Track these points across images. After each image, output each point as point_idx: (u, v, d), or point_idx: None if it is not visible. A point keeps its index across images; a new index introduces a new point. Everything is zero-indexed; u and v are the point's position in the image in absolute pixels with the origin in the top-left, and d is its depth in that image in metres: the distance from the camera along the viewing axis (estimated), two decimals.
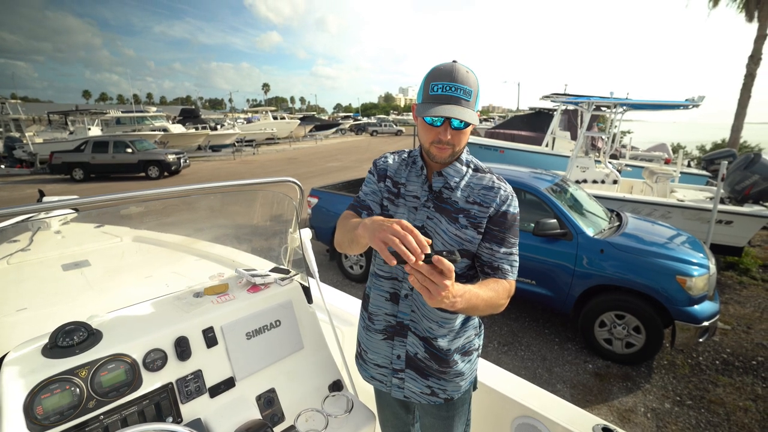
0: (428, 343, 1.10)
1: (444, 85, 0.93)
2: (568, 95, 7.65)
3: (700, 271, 3.19)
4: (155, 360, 1.02)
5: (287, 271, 1.38)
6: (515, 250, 1.08)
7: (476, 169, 1.11)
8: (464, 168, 1.09)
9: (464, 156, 1.10)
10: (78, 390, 0.90)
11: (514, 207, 1.07)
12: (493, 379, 1.47)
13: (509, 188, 1.10)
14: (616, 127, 6.86)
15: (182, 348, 1.05)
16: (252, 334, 1.18)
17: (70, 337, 0.95)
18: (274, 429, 0.96)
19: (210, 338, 1.10)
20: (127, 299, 1.24)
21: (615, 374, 3.32)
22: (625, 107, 6.25)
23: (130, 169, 13.71)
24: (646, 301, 3.26)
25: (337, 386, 1.23)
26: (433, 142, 1.01)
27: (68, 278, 1.82)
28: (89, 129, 17.62)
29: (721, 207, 4.96)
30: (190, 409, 1.02)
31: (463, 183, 1.08)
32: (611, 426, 1.29)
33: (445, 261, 0.74)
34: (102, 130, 19.73)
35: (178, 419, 0.99)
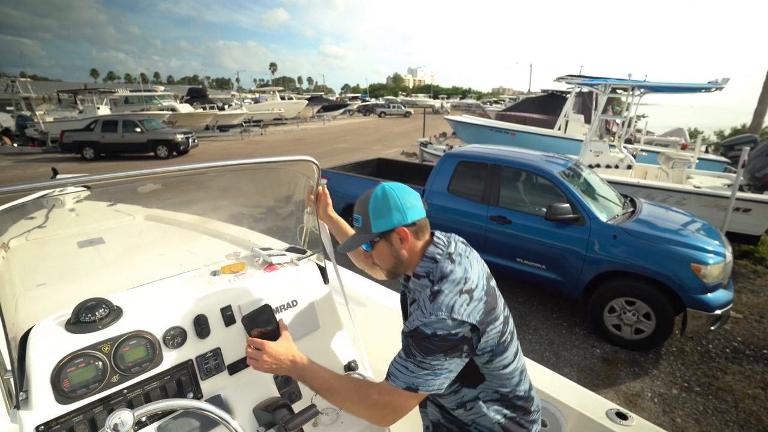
0: (444, 410, 1.13)
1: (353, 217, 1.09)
2: (584, 77, 7.45)
3: (716, 259, 3.14)
4: (175, 337, 1.03)
5: (303, 251, 1.38)
6: (413, 363, 0.92)
7: (432, 280, 0.99)
8: (420, 282, 1.02)
9: (420, 269, 1.02)
10: (101, 364, 0.92)
11: (431, 327, 0.91)
12: None
13: (438, 312, 0.92)
14: (632, 110, 6.67)
15: (201, 326, 1.06)
16: None
17: (92, 313, 0.96)
18: (292, 406, 0.97)
19: (228, 317, 1.11)
20: (142, 277, 1.25)
21: (623, 359, 3.32)
22: (643, 90, 6.07)
23: (139, 149, 13.78)
24: (658, 288, 3.23)
25: (352, 366, 1.25)
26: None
27: (84, 255, 1.84)
28: (98, 108, 17.65)
29: (739, 194, 4.85)
30: (209, 386, 1.04)
31: (417, 298, 1.04)
32: (625, 410, 1.28)
33: (255, 340, 1.00)
34: (111, 109, 19.76)
35: (198, 395, 1.01)
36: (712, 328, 3.13)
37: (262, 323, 1.09)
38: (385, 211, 1.00)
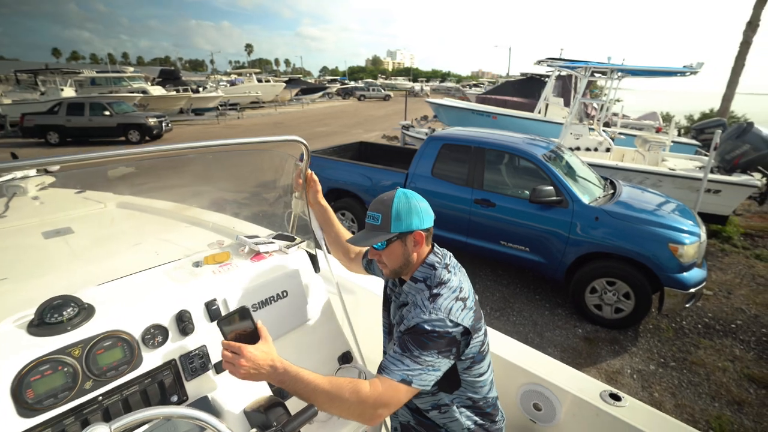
0: (416, 412, 1.17)
1: (367, 215, 1.12)
2: (564, 60, 7.47)
3: (692, 239, 3.23)
4: (155, 336, 0.95)
5: (292, 238, 1.31)
6: (409, 358, 0.96)
7: (429, 286, 1.07)
8: (416, 286, 1.09)
9: (419, 273, 1.10)
10: (71, 370, 0.83)
11: (431, 324, 0.98)
12: (498, 346, 1.46)
13: (438, 311, 1.00)
14: (611, 94, 6.76)
15: (184, 322, 0.98)
16: (258, 306, 1.12)
17: (59, 313, 0.87)
18: (286, 404, 0.91)
19: (213, 311, 1.04)
20: (116, 269, 1.16)
21: (603, 338, 3.42)
22: (621, 73, 6.14)
23: (108, 133, 13.10)
24: (637, 268, 3.32)
25: (347, 358, 1.20)
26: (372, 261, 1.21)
27: (50, 247, 1.71)
28: (62, 90, 16.65)
29: (710, 176, 5.01)
30: (195, 387, 0.97)
31: (410, 300, 1.09)
32: (618, 392, 1.30)
33: (232, 343, 0.91)
34: (76, 91, 18.69)
35: (183, 398, 0.95)
36: (687, 305, 3.25)
37: (239, 326, 0.99)
38: (406, 213, 1.07)
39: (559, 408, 1.33)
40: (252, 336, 0.99)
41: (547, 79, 10.09)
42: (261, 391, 0.97)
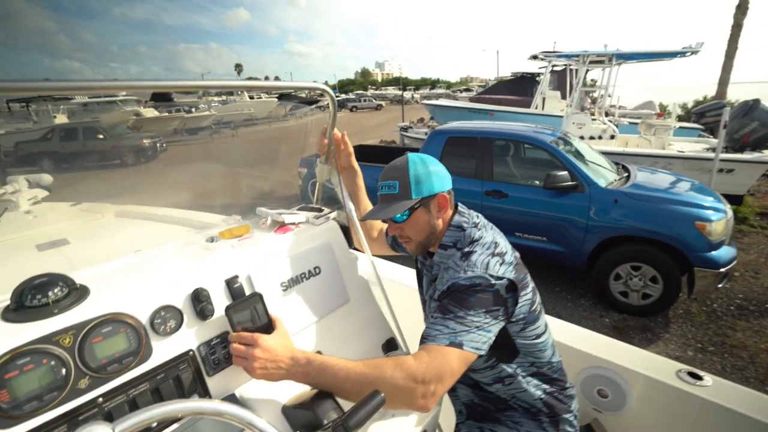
0: (478, 387, 1.05)
1: (379, 186, 1.00)
2: (559, 53, 7.41)
3: (718, 215, 3.08)
4: (167, 320, 0.75)
5: (320, 209, 1.15)
6: (452, 320, 0.83)
7: (461, 248, 0.96)
8: (447, 252, 0.98)
9: (447, 239, 0.99)
10: (60, 364, 0.64)
11: (469, 280, 0.86)
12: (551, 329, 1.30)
13: (473, 268, 0.88)
14: (611, 80, 6.67)
15: (201, 303, 0.79)
16: (288, 285, 0.94)
17: (43, 294, 0.68)
18: (337, 400, 0.73)
19: (236, 290, 0.85)
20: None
21: (633, 326, 3.24)
22: (620, 60, 6.06)
23: (103, 157, 13.01)
24: (663, 250, 3.16)
25: (392, 345, 1.03)
26: (396, 238, 1.07)
27: (45, 258, 1.55)
28: (55, 117, 16.59)
29: (721, 155, 4.89)
30: (219, 383, 0.78)
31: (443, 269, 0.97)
32: (696, 370, 1.13)
33: (243, 334, 0.77)
34: (69, 118, 18.64)
35: (206, 396, 0.76)
36: (720, 285, 3.08)
37: (251, 318, 0.83)
38: (425, 176, 0.96)
39: (629, 392, 1.16)
40: (265, 329, 0.82)
41: (538, 76, 10.06)
42: (301, 386, 0.78)
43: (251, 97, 30.89)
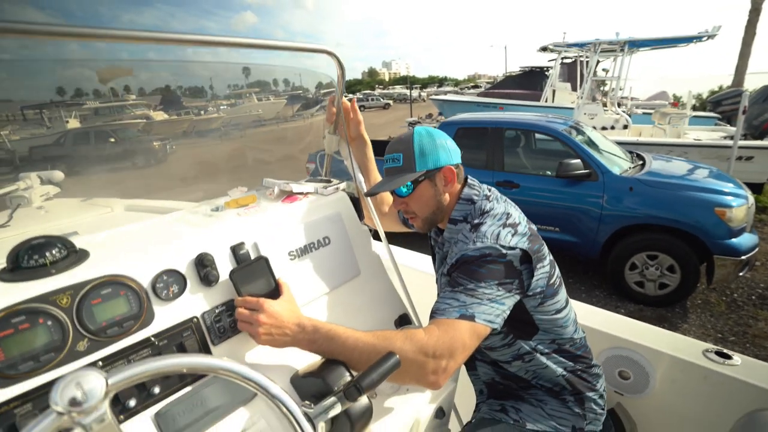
0: (498, 366, 1.01)
1: (384, 159, 0.97)
2: (569, 43, 7.29)
3: (739, 201, 2.98)
4: (169, 284, 0.73)
5: (329, 181, 1.12)
6: (462, 293, 0.79)
7: (470, 221, 0.92)
8: (456, 227, 0.95)
9: (456, 213, 0.96)
10: (58, 324, 0.61)
11: (479, 250, 0.82)
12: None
13: (483, 238, 0.84)
14: (624, 69, 6.52)
15: (206, 267, 0.75)
16: (296, 254, 0.91)
17: (40, 254, 0.65)
18: (349, 369, 0.70)
19: (242, 256, 0.82)
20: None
21: (650, 317, 3.16)
22: (633, 47, 5.92)
23: (114, 159, 13.22)
24: (681, 238, 3.07)
25: (405, 320, 0.99)
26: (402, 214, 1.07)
27: None
28: (67, 122, 16.92)
29: (740, 143, 4.75)
30: (225, 352, 0.76)
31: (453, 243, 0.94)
32: (724, 349, 1.08)
33: (248, 298, 0.75)
34: (81, 123, 19.01)
35: None
36: (741, 274, 2.99)
37: (257, 282, 0.80)
38: (431, 148, 0.93)
39: (652, 374, 1.11)
40: (272, 295, 0.80)
41: (547, 71, 9.92)
42: (308, 355, 0.75)
43: (259, 100, 31.14)
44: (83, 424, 0.40)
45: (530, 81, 13.42)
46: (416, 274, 1.47)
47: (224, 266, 0.80)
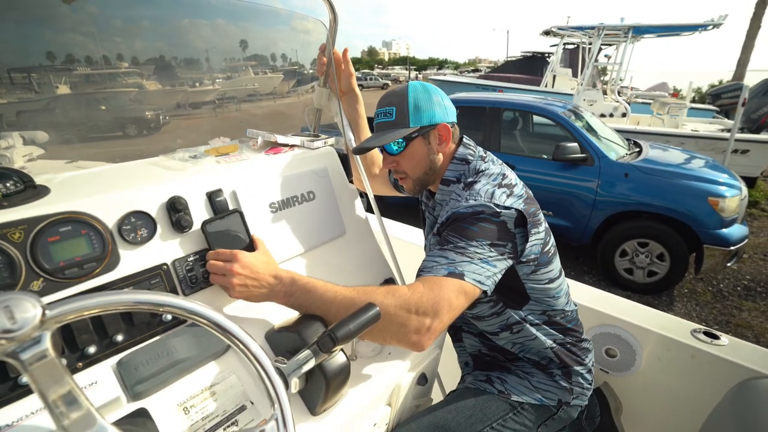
0: (484, 337, 0.98)
1: (376, 114, 0.91)
2: (573, 26, 7.15)
3: (732, 192, 2.97)
4: (137, 227, 0.67)
5: (317, 135, 1.06)
6: (452, 251, 0.75)
7: (464, 181, 0.89)
8: (449, 188, 0.91)
9: (450, 173, 0.92)
10: (8, 260, 0.55)
11: (471, 208, 0.78)
12: None
13: (476, 196, 0.81)
14: (627, 56, 6.42)
15: (178, 212, 0.70)
16: (278, 207, 0.86)
17: None
18: (327, 325, 0.66)
19: (219, 204, 0.76)
20: None
21: None
22: (637, 34, 5.82)
23: (105, 128, 12.92)
24: (673, 226, 3.06)
25: (390, 284, 0.96)
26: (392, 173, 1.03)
27: None
28: (57, 87, 16.44)
29: (737, 135, 4.73)
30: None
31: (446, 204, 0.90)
32: (712, 330, 1.07)
33: (222, 250, 0.71)
34: (71, 89, 18.49)
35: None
36: (729, 264, 3.01)
37: (230, 236, 0.75)
38: (426, 103, 0.87)
39: (639, 352, 1.10)
40: (246, 250, 0.75)
41: (549, 56, 9.76)
42: (288, 312, 0.71)
43: (255, 73, 30.50)
44: (20, 360, 0.36)
45: (531, 66, 13.23)
46: (404, 245, 1.43)
47: (199, 213, 0.75)
